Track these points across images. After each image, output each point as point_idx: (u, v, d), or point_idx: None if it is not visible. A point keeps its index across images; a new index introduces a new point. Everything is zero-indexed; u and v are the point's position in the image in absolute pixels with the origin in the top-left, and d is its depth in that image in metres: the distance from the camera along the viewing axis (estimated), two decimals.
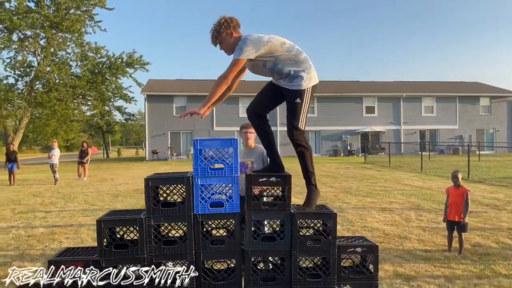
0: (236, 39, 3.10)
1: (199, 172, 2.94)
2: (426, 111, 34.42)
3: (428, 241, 5.97)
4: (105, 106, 32.15)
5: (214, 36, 3.13)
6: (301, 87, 3.04)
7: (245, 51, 2.95)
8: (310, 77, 3.08)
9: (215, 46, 3.20)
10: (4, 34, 26.40)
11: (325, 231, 3.02)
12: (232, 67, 2.96)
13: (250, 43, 2.98)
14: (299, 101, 3.05)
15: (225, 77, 2.98)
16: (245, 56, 2.96)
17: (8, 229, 6.98)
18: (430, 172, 16.78)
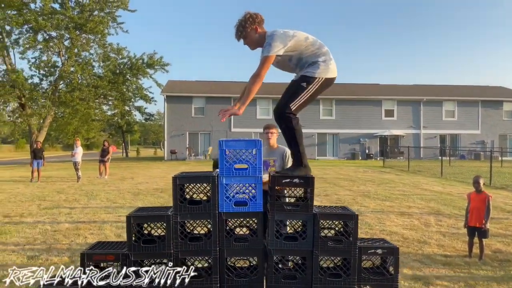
0: (260, 34, 3.16)
1: (224, 171, 3.03)
2: (447, 115, 33.89)
3: (448, 246, 5.94)
4: (125, 106, 32.68)
5: (239, 31, 3.17)
6: (314, 74, 3.05)
7: (274, 47, 3.01)
8: (326, 68, 3.09)
9: (238, 40, 3.24)
10: (30, 35, 27.14)
11: (346, 232, 3.08)
12: (264, 64, 3.02)
13: (278, 38, 3.03)
14: (304, 85, 3.05)
15: (259, 75, 3.04)
16: (275, 52, 3.02)
17: (34, 224, 7.23)
18: (450, 177, 16.56)
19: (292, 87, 3.12)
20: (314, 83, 3.06)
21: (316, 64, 3.07)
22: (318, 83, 3.08)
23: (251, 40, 3.20)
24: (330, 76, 3.13)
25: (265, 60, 3.02)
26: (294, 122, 3.14)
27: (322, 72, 3.07)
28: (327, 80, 3.12)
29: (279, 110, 3.14)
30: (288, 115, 3.11)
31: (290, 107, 3.08)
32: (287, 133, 3.19)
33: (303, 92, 3.06)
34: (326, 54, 3.13)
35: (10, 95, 26.36)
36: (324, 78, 3.09)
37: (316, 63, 3.08)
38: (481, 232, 5.40)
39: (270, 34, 3.10)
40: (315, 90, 3.09)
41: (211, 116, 32.19)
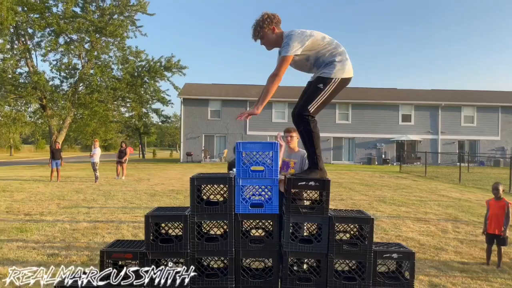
0: (278, 35, 3.20)
1: (240, 173, 3.08)
2: (466, 121, 33.32)
3: (466, 254, 5.85)
4: (143, 108, 33.12)
5: (257, 31, 3.22)
6: (330, 75, 3.08)
7: (292, 47, 3.05)
8: (342, 68, 3.11)
9: (255, 41, 3.29)
10: (52, 38, 27.78)
11: (362, 235, 3.09)
12: (282, 64, 3.06)
13: (296, 38, 3.07)
14: (321, 87, 3.08)
15: (277, 75, 3.08)
16: (293, 52, 3.05)
17: (54, 222, 7.39)
18: (468, 184, 16.27)
19: (310, 89, 3.16)
20: (331, 84, 3.09)
21: (332, 65, 3.10)
22: (335, 84, 3.11)
23: (268, 41, 3.24)
24: (346, 76, 3.15)
25: (284, 60, 3.06)
26: (312, 124, 3.18)
27: (338, 72, 3.10)
28: (343, 80, 3.14)
29: (298, 112, 3.17)
30: (307, 117, 3.14)
31: (309, 109, 3.12)
32: (305, 136, 3.23)
33: (320, 93, 3.09)
34: (342, 54, 3.16)
35: (31, 97, 26.97)
36: (341, 78, 3.12)
37: (332, 64, 3.11)
38: (500, 240, 5.32)
39: (287, 34, 3.14)
40: (332, 90, 3.12)
41: (227, 119, 32.36)
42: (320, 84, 3.09)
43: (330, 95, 3.13)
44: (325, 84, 3.08)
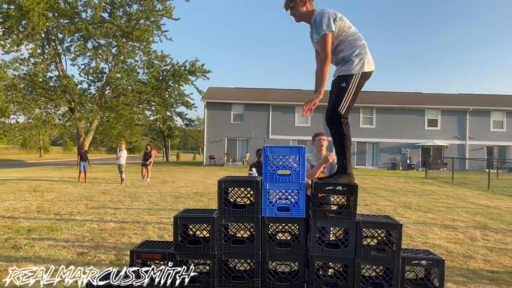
0: (308, 9, 3.22)
1: (267, 177, 3.10)
2: (495, 126, 32.37)
3: (495, 262, 5.69)
4: (167, 111, 33.67)
5: (289, 0, 3.24)
6: (350, 71, 3.08)
7: (328, 24, 3.06)
8: (362, 62, 3.11)
9: (286, 10, 3.30)
10: (81, 42, 28.64)
11: (389, 241, 3.06)
12: (326, 43, 3.07)
13: (329, 16, 3.09)
14: (345, 85, 3.08)
15: (326, 55, 3.09)
16: (332, 28, 3.06)
17: (83, 222, 7.59)
18: (498, 191, 15.80)
19: (335, 91, 3.16)
20: (353, 80, 3.10)
21: (350, 61, 3.11)
22: (357, 79, 3.11)
23: (298, 12, 3.26)
24: (367, 70, 3.14)
25: (326, 38, 3.07)
26: (345, 127, 3.19)
27: (357, 67, 3.10)
28: (364, 74, 3.14)
29: (330, 115, 3.19)
30: (340, 120, 3.17)
31: (339, 111, 3.13)
32: (337, 139, 3.23)
33: (346, 92, 3.10)
34: (362, 47, 3.15)
35: (61, 100, 27.83)
36: (361, 73, 3.12)
37: (349, 60, 3.12)
38: None
39: (320, 12, 3.15)
40: (356, 86, 3.12)
41: (250, 123, 32.48)
42: (343, 83, 3.09)
43: (356, 92, 3.13)
44: (348, 82, 3.09)
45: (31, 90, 28.45)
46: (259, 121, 32.68)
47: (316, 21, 3.12)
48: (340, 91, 3.11)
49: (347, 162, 3.22)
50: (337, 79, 3.18)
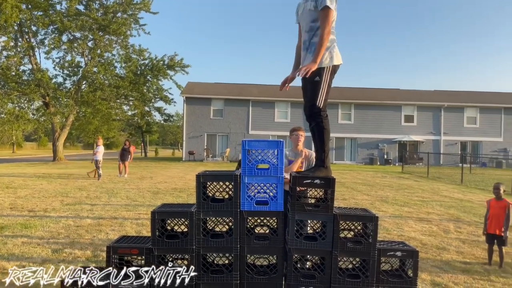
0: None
1: (246, 171, 3.10)
2: (469, 122, 33.28)
3: (468, 254, 5.87)
4: (145, 106, 33.20)
5: None
6: (321, 64, 3.09)
7: (333, 1, 3.05)
8: (331, 56, 3.13)
9: None
10: (55, 35, 27.89)
11: (366, 233, 3.12)
12: (329, 15, 3.04)
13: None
14: (318, 79, 3.10)
15: (329, 29, 3.07)
16: (333, 6, 3.05)
17: (58, 219, 7.44)
18: (471, 185, 16.27)
19: (310, 86, 3.17)
20: (325, 73, 3.12)
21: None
22: (328, 72, 3.14)
23: None
24: (336, 63, 3.17)
25: (329, 13, 3.04)
26: (325, 121, 3.21)
27: (327, 60, 3.12)
28: (334, 67, 3.17)
29: (310, 110, 3.20)
30: (319, 114, 3.18)
31: (317, 105, 3.14)
32: (317, 133, 3.24)
33: (320, 85, 3.12)
34: (332, 41, 3.18)
35: (35, 94, 27.06)
36: (332, 66, 3.15)
37: None
38: (500, 240, 5.34)
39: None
40: (328, 79, 3.15)
41: (229, 118, 32.41)
42: (316, 77, 3.11)
43: (329, 84, 3.17)
44: (320, 75, 3.11)
45: (4, 84, 27.56)
46: (239, 117, 32.63)
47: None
48: (315, 86, 3.13)
49: (325, 156, 3.25)
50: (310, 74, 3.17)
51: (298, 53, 3.43)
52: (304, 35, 3.28)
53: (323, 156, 3.25)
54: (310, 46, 3.20)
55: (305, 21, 3.24)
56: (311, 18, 3.17)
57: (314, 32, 3.16)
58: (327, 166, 3.25)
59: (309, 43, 3.21)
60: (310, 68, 3.01)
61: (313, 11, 3.13)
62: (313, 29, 3.17)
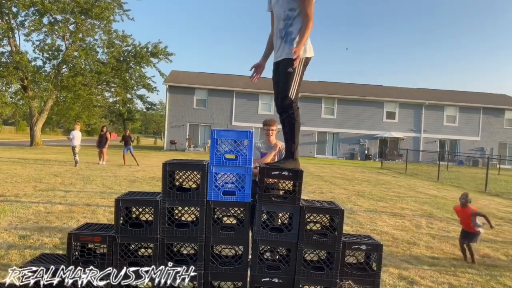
0: None
1: (214, 160, 3.07)
2: (448, 121, 33.89)
3: (437, 249, 5.99)
4: (127, 93, 32.73)
5: None
6: (294, 55, 3.05)
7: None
8: (304, 48, 3.11)
9: None
10: (36, 17, 27.12)
11: (332, 226, 3.13)
12: (312, 7, 3.04)
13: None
14: (291, 70, 3.08)
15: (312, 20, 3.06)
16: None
17: (28, 204, 7.28)
18: (446, 182, 16.60)
19: (283, 77, 3.14)
20: (299, 65, 3.09)
21: (295, 43, 3.08)
22: (301, 64, 3.12)
23: None
24: (309, 55, 3.16)
25: (311, 3, 3.03)
26: (296, 113, 3.19)
27: (302, 52, 3.08)
28: (306, 59, 3.16)
29: (282, 102, 3.17)
30: (291, 106, 3.15)
31: (290, 96, 3.12)
32: (287, 124, 3.23)
33: (293, 76, 3.10)
34: None
35: (13, 77, 26.38)
36: (304, 58, 3.13)
37: (294, 42, 3.09)
38: (471, 237, 5.50)
39: None
40: (301, 71, 3.13)
41: (213, 108, 32.24)
42: (289, 68, 3.08)
43: (301, 76, 3.15)
44: (293, 66, 3.08)
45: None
46: (222, 107, 32.47)
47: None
48: (287, 77, 3.11)
49: (295, 148, 3.24)
50: (283, 63, 3.15)
51: (270, 42, 3.39)
52: (279, 23, 3.20)
53: (292, 147, 3.24)
54: (287, 35, 3.15)
55: (281, 8, 3.16)
56: (289, 6, 3.10)
57: (291, 21, 3.11)
58: (296, 158, 3.25)
59: (285, 32, 3.15)
60: (299, 54, 2.96)
61: (292, 0, 3.08)
62: (290, 17, 3.11)
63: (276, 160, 4.46)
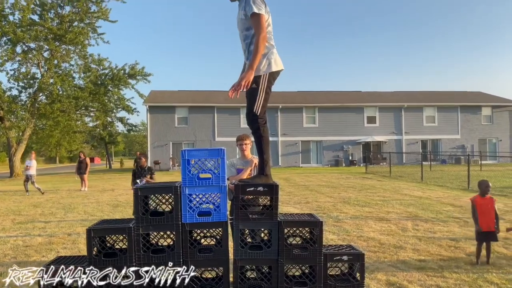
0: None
1: (187, 181, 3.00)
2: (428, 121, 34.46)
3: (423, 251, 5.97)
4: (107, 117, 32.41)
5: None
6: (258, 72, 3.07)
7: (262, 7, 3.00)
8: (269, 62, 3.11)
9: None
10: (8, 47, 26.77)
11: (312, 239, 3.08)
12: (260, 22, 2.98)
13: (261, 0, 3.04)
14: (255, 86, 3.08)
15: (264, 35, 3.00)
16: (263, 12, 2.99)
17: (6, 238, 7.04)
18: (430, 182, 16.76)
19: (248, 93, 3.14)
20: (262, 81, 3.10)
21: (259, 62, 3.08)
22: (265, 79, 3.11)
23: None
24: (274, 69, 3.15)
25: (259, 17, 2.98)
26: (262, 128, 3.17)
27: (264, 67, 3.10)
28: (272, 74, 3.15)
29: (248, 117, 3.19)
30: (257, 121, 3.14)
31: (255, 111, 3.11)
32: (255, 140, 3.27)
33: (257, 92, 3.10)
34: (270, 47, 3.15)
35: None
36: (269, 73, 3.13)
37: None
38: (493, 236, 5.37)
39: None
40: (266, 86, 3.12)
41: (195, 126, 32.11)
42: (253, 84, 3.08)
43: (267, 91, 3.14)
44: (257, 82, 3.09)
45: None
46: (204, 124, 32.38)
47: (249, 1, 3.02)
48: (252, 93, 3.11)
49: (264, 163, 3.21)
50: None
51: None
52: (242, 45, 3.24)
53: (262, 163, 3.21)
54: (249, 54, 3.16)
55: (240, 30, 3.22)
56: (244, 26, 3.14)
57: (250, 40, 3.12)
58: (267, 174, 3.21)
59: (248, 52, 3.17)
60: (248, 79, 2.99)
61: (245, 20, 3.10)
62: (248, 37, 3.13)
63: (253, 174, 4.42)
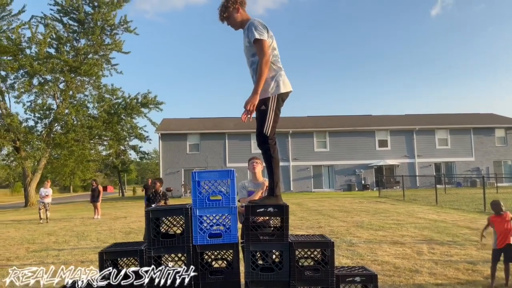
0: (243, 16, 3.24)
1: (197, 203, 3.04)
2: (440, 144, 34.11)
3: (440, 274, 5.83)
4: (120, 145, 32.81)
5: (222, 11, 3.26)
6: (267, 94, 3.15)
7: (263, 32, 3.08)
8: (277, 84, 3.17)
9: (223, 22, 3.31)
10: (25, 79, 27.59)
11: (323, 260, 3.06)
12: (263, 47, 3.06)
13: (263, 26, 3.12)
14: (264, 108, 3.15)
15: (267, 59, 3.08)
16: (265, 37, 3.08)
17: (20, 267, 7.07)
18: (445, 205, 16.46)
19: (258, 114, 3.21)
20: (271, 102, 3.16)
21: (266, 84, 3.16)
22: (274, 101, 3.17)
23: (234, 20, 3.28)
24: (283, 91, 3.22)
25: (263, 43, 3.07)
26: (272, 149, 3.22)
27: (273, 89, 3.17)
28: (281, 95, 3.21)
29: (258, 139, 3.25)
30: (267, 142, 3.20)
31: (264, 133, 3.17)
32: (265, 161, 3.31)
33: (266, 114, 3.16)
34: (277, 70, 3.23)
35: (4, 139, 26.43)
36: (277, 95, 3.19)
37: (265, 82, 3.16)
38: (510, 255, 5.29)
39: (252, 21, 3.17)
40: (275, 107, 3.18)
41: (206, 152, 32.30)
42: (262, 106, 3.15)
43: (276, 113, 3.20)
44: (266, 104, 3.16)
45: None
46: (215, 150, 32.57)
47: (248, 27, 3.15)
48: (261, 114, 3.17)
49: (274, 185, 3.23)
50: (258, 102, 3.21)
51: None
52: (249, 70, 3.35)
53: (272, 184, 3.24)
54: (252, 67, 3.28)
55: (246, 57, 3.33)
56: (250, 53, 3.25)
57: (256, 66, 3.21)
58: (277, 195, 3.23)
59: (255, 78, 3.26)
60: (253, 103, 3.07)
61: (250, 47, 3.21)
62: (254, 63, 3.23)
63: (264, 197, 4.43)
